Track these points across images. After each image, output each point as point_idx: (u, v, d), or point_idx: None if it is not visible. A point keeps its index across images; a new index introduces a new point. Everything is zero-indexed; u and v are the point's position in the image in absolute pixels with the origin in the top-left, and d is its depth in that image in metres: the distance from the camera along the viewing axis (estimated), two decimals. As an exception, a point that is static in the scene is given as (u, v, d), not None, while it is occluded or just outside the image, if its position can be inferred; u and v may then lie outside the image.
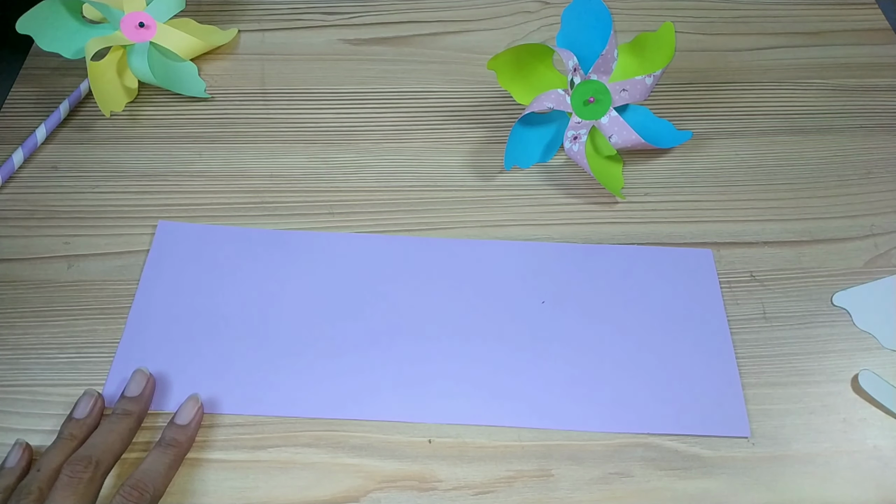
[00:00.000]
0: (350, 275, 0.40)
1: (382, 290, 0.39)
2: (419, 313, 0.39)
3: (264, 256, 0.41)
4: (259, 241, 0.41)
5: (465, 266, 0.40)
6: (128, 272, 0.40)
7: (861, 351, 0.38)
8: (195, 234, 0.41)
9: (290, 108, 0.48)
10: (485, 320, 0.38)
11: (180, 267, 0.40)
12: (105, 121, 0.47)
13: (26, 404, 0.36)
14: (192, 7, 0.51)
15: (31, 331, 0.38)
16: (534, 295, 0.39)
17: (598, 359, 0.37)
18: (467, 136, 0.46)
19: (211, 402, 0.36)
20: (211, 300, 0.39)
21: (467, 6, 0.54)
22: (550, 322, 0.38)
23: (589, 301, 0.39)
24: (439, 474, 0.34)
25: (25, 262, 0.40)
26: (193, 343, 0.37)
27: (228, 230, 0.42)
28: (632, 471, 0.34)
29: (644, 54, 0.43)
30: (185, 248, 0.41)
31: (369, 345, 0.38)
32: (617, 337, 0.38)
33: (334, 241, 0.41)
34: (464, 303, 0.39)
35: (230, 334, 0.38)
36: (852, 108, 0.48)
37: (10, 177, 0.44)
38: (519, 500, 0.33)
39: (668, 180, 0.44)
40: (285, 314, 0.39)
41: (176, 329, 0.38)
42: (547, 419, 0.35)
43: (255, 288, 0.39)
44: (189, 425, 0.34)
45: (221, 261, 0.40)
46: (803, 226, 0.43)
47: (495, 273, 0.40)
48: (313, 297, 0.39)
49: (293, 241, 0.41)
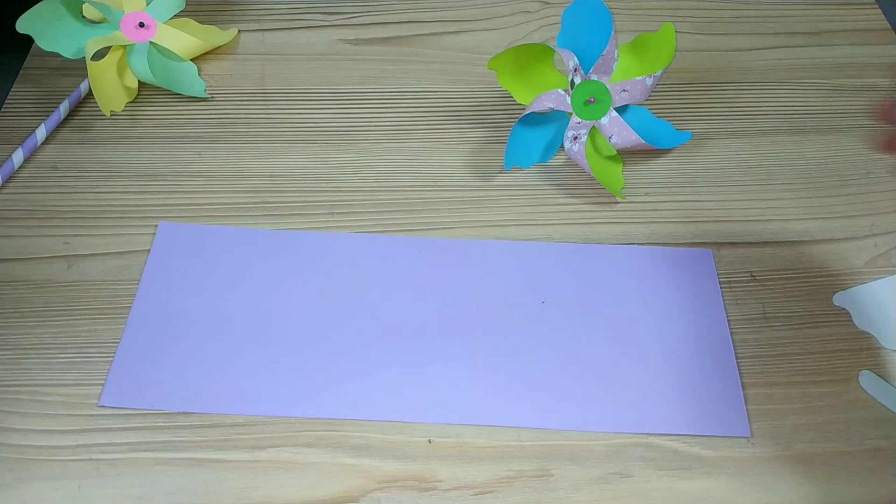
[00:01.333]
0: (350, 274, 0.40)
1: (382, 289, 0.39)
2: (419, 313, 0.39)
3: (264, 257, 0.41)
4: (259, 241, 0.41)
5: (464, 266, 0.40)
6: (128, 272, 0.40)
7: (861, 351, 0.38)
8: (196, 235, 0.41)
9: (290, 108, 0.48)
10: (484, 320, 0.38)
11: (181, 267, 0.40)
12: (105, 121, 0.47)
13: (26, 404, 0.36)
14: (192, 7, 0.51)
15: (31, 331, 0.38)
16: (533, 295, 0.39)
17: (598, 358, 0.37)
18: (467, 136, 0.46)
19: (210, 402, 0.36)
20: (211, 300, 0.39)
21: (467, 6, 0.54)
22: (550, 322, 0.38)
23: (588, 301, 0.39)
24: (439, 474, 0.34)
25: (25, 262, 0.40)
26: (194, 343, 0.37)
27: (229, 230, 0.42)
28: (632, 471, 0.34)
29: (644, 55, 0.43)
30: (185, 248, 0.41)
31: (369, 345, 0.38)
32: (616, 337, 0.38)
33: (334, 241, 0.41)
34: (463, 303, 0.39)
35: (230, 334, 0.38)
36: (852, 108, 0.48)
37: (10, 177, 0.44)
38: (519, 500, 0.33)
39: (668, 180, 0.44)
40: (286, 314, 0.39)
41: (176, 329, 0.38)
42: (547, 419, 0.35)
43: (256, 288, 0.39)
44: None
45: (222, 261, 0.40)
46: (803, 226, 0.43)
47: (495, 273, 0.40)
48: (313, 296, 0.39)
49: (293, 241, 0.41)
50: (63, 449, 0.34)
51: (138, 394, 0.36)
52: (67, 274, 0.40)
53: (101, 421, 0.35)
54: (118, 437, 0.35)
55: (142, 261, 0.40)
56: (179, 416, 0.35)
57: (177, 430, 0.35)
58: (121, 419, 0.35)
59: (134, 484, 0.34)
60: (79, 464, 0.34)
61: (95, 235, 0.42)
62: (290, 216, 0.42)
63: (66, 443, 0.35)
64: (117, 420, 0.35)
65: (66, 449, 0.34)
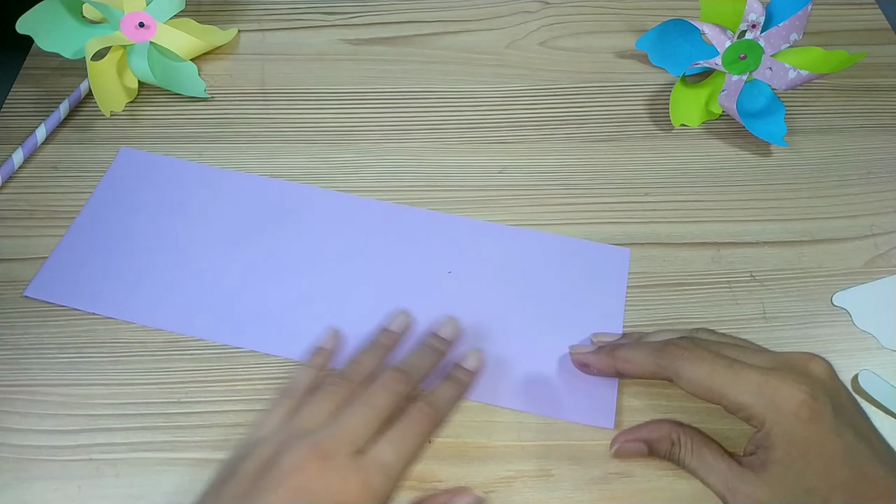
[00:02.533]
0: (287, 219, 0.42)
1: (304, 237, 0.41)
2: (321, 264, 0.40)
3: (216, 192, 0.43)
4: (212, 177, 0.43)
5: (383, 231, 0.42)
6: (128, 272, 0.40)
7: (861, 351, 0.38)
8: (154, 163, 0.44)
9: (290, 108, 0.48)
10: (390, 285, 0.40)
11: (133, 189, 0.43)
12: (105, 121, 0.47)
13: (26, 404, 0.36)
14: (192, 7, 0.51)
15: (31, 331, 0.38)
16: (441, 265, 0.40)
17: (492, 332, 0.38)
18: (467, 136, 0.46)
19: (137, 312, 0.38)
20: (153, 223, 0.41)
21: (467, 6, 0.54)
22: (455, 294, 0.39)
23: (496, 279, 0.40)
24: (439, 474, 0.34)
25: (26, 261, 0.40)
26: (129, 257, 0.40)
27: (187, 164, 0.44)
28: (632, 471, 0.34)
29: (810, 57, 0.44)
30: (141, 174, 0.44)
31: (286, 282, 0.40)
32: (513, 315, 0.39)
33: (276, 187, 0.43)
34: (369, 265, 0.40)
35: (168, 255, 0.40)
36: (852, 108, 0.48)
37: (10, 177, 0.44)
38: (519, 500, 0.33)
39: (668, 180, 0.44)
40: (217, 245, 0.41)
41: (113, 242, 0.41)
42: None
43: (199, 217, 0.42)
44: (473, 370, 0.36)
45: (172, 190, 0.43)
46: (803, 226, 0.43)
47: (407, 241, 0.41)
48: (246, 234, 0.41)
49: (243, 182, 0.44)
50: (63, 449, 0.34)
51: (65, 292, 0.39)
52: (67, 274, 0.40)
53: (101, 421, 0.35)
54: (118, 437, 0.35)
55: (142, 261, 0.40)
56: (179, 416, 0.35)
57: (177, 430, 0.35)
58: (121, 419, 0.35)
59: (134, 484, 0.34)
60: (79, 464, 0.34)
61: (95, 235, 0.42)
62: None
63: (65, 443, 0.35)
64: (117, 420, 0.35)
65: (66, 449, 0.34)
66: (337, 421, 0.31)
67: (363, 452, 0.30)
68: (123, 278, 0.39)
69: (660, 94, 0.48)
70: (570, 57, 0.51)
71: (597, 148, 0.46)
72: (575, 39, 0.52)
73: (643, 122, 0.47)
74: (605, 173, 0.45)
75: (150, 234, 0.41)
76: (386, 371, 0.33)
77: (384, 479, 0.29)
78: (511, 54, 0.51)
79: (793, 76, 0.43)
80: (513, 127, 0.47)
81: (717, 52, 0.45)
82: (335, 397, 0.32)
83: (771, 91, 0.46)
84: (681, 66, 0.48)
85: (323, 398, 0.32)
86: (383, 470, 0.29)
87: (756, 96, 0.46)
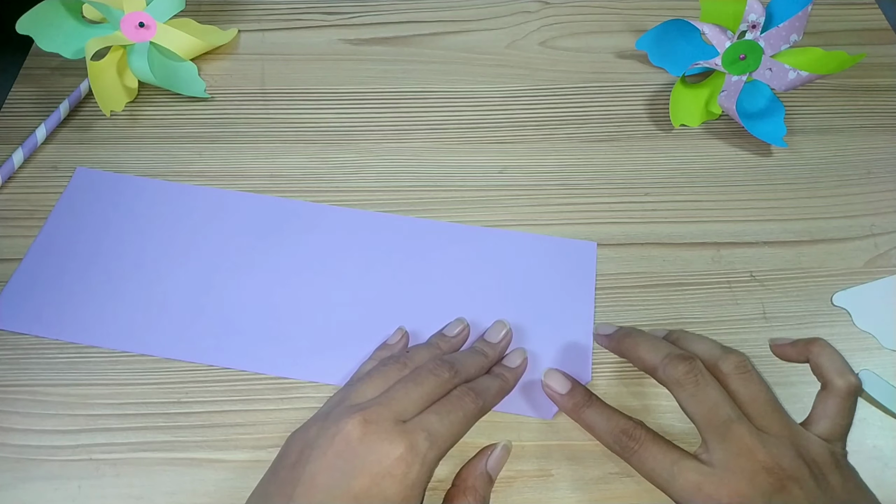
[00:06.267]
0: (248, 232, 0.41)
1: (273, 248, 0.41)
2: (302, 273, 0.40)
3: (176, 210, 0.42)
4: (172, 195, 0.43)
5: (357, 236, 0.42)
6: (128, 272, 0.40)
7: (861, 351, 0.38)
8: (110, 183, 0.43)
9: (290, 108, 0.48)
10: (367, 288, 0.40)
11: (91, 210, 0.42)
12: (105, 121, 0.47)
13: (26, 404, 0.36)
14: (192, 7, 0.51)
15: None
16: (417, 268, 0.40)
17: (475, 335, 0.38)
18: (467, 136, 0.46)
19: (98, 335, 0.38)
20: (112, 245, 0.41)
21: (467, 6, 0.54)
22: (426, 296, 0.40)
23: (470, 278, 0.40)
24: (440, 474, 0.34)
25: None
26: (89, 280, 0.39)
27: (143, 181, 0.43)
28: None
29: (807, 60, 0.44)
30: (98, 194, 0.43)
31: (251, 299, 0.39)
32: (482, 312, 0.39)
33: (240, 200, 0.43)
34: (350, 269, 0.40)
35: (129, 277, 0.40)
36: (852, 108, 0.48)
37: (10, 177, 0.44)
38: (519, 500, 0.34)
39: (667, 180, 0.44)
40: (182, 265, 0.40)
41: (73, 265, 0.40)
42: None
43: (159, 238, 0.41)
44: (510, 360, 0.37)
45: (131, 210, 0.42)
46: (803, 226, 0.43)
47: (374, 247, 0.41)
48: (213, 251, 0.41)
49: (204, 196, 0.43)
50: (63, 449, 0.34)
51: (25, 320, 0.38)
52: (67, 274, 0.40)
53: (101, 421, 0.35)
54: (118, 437, 0.35)
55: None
56: (179, 416, 0.35)
57: (177, 430, 0.35)
58: (121, 419, 0.35)
59: (134, 484, 0.34)
60: (79, 464, 0.34)
61: (95, 235, 0.42)
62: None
63: (66, 443, 0.35)
64: (117, 420, 0.35)
65: (66, 449, 0.34)
66: (385, 394, 0.31)
67: (408, 422, 0.30)
68: (88, 302, 0.39)
69: (660, 95, 0.48)
70: (570, 57, 0.51)
71: (597, 148, 0.46)
72: (575, 39, 0.52)
73: (643, 122, 0.47)
74: (605, 173, 0.45)
75: (111, 255, 0.40)
76: (432, 361, 0.34)
77: (429, 445, 0.29)
78: (511, 54, 0.51)
79: (792, 77, 0.43)
80: (513, 127, 0.47)
81: (717, 52, 0.45)
82: (386, 378, 0.33)
83: (771, 92, 0.46)
84: (681, 67, 0.48)
85: (373, 377, 0.33)
86: (428, 436, 0.30)
87: (756, 97, 0.46)
